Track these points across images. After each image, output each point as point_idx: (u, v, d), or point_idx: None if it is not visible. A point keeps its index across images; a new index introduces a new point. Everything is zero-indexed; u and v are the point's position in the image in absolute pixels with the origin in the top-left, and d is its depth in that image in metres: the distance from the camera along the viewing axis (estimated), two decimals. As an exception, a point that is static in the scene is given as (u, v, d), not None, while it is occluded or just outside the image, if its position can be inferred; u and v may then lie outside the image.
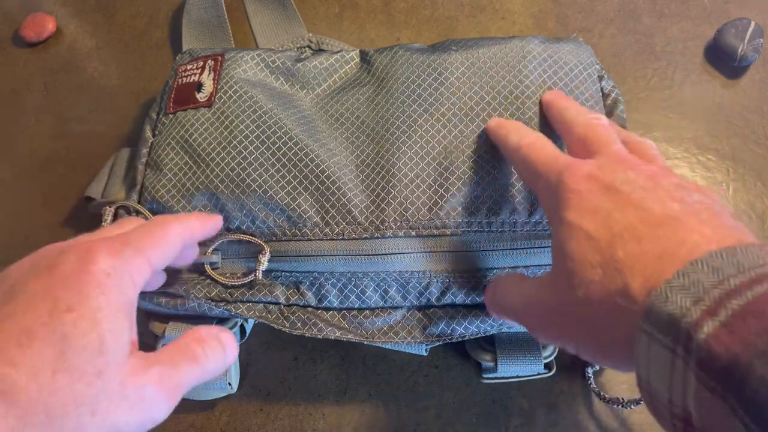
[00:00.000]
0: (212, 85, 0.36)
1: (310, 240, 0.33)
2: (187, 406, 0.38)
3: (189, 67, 0.38)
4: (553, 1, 0.50)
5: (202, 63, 0.38)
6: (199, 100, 0.36)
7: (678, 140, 0.44)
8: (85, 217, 0.44)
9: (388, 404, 0.37)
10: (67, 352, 0.20)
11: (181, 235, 0.27)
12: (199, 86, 0.37)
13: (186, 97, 0.37)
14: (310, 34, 0.46)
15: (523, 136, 0.29)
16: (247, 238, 0.33)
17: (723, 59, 0.46)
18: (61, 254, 0.22)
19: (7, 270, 0.23)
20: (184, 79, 0.38)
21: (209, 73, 0.37)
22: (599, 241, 0.22)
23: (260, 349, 0.39)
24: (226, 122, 0.35)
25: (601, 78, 0.36)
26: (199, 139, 0.35)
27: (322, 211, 0.33)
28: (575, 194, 0.24)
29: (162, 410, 0.22)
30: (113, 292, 0.22)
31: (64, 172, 0.46)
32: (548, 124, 0.33)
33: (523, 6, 0.50)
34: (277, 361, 0.39)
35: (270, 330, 0.39)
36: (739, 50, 0.44)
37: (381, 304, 0.33)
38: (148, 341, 0.35)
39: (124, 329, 0.22)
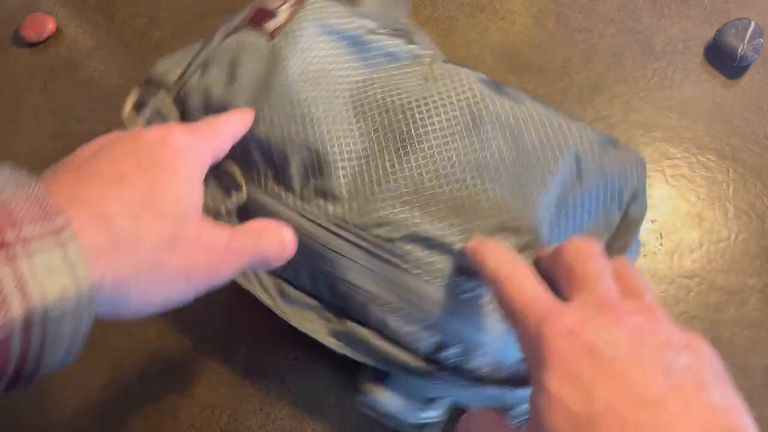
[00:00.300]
0: (284, 19, 0.36)
1: (278, 203, 0.33)
2: (187, 405, 0.38)
3: None
4: (553, 1, 0.50)
5: None
6: (267, 28, 0.36)
7: (678, 140, 0.44)
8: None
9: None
10: (153, 194, 0.23)
11: (232, 132, 0.30)
12: (273, 15, 0.37)
13: (259, 19, 0.37)
14: (408, 21, 0.43)
15: (500, 266, 0.26)
16: (234, 171, 0.34)
17: (723, 59, 0.46)
18: (141, 131, 0.25)
19: (92, 142, 0.26)
20: (267, 2, 0.38)
21: (289, 7, 0.37)
22: (580, 419, 0.20)
23: (260, 349, 0.39)
24: (272, 62, 0.35)
25: (634, 197, 0.34)
26: (244, 64, 0.35)
27: (302, 183, 0.33)
28: (555, 355, 0.21)
29: (230, 267, 0.25)
30: (189, 159, 0.25)
31: (64, 172, 0.46)
32: None
33: (523, 6, 0.50)
34: (277, 361, 0.39)
35: (270, 330, 0.39)
36: (739, 50, 0.44)
37: (309, 288, 0.33)
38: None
39: (196, 190, 0.25)
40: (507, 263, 0.26)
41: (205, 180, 0.30)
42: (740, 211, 0.42)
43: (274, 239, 0.27)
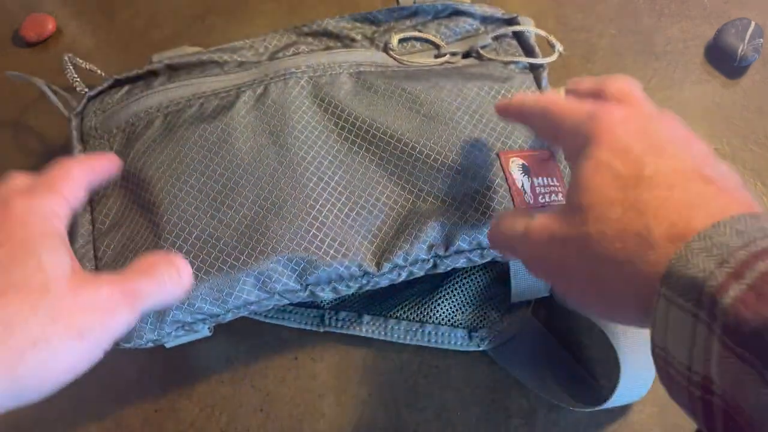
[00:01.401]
0: None
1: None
2: (187, 405, 0.38)
3: None
4: (553, 1, 0.50)
5: None
6: None
7: (678, 140, 0.44)
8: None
9: (388, 404, 0.37)
10: (9, 275, 0.22)
11: (83, 173, 0.28)
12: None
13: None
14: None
15: (538, 98, 0.28)
16: None
17: (723, 59, 0.46)
18: None
19: None
20: None
21: None
22: (627, 180, 0.21)
23: (260, 349, 0.39)
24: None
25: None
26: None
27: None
28: (608, 133, 0.23)
29: (124, 313, 0.24)
30: (36, 224, 0.24)
31: (64, 172, 0.46)
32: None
33: (523, 6, 0.50)
34: (277, 361, 0.39)
35: (269, 330, 0.39)
36: (739, 50, 0.44)
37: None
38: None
39: (58, 248, 0.23)
40: (543, 96, 0.29)
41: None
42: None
43: (168, 270, 0.26)
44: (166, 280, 0.25)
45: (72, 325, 0.22)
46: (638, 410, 0.37)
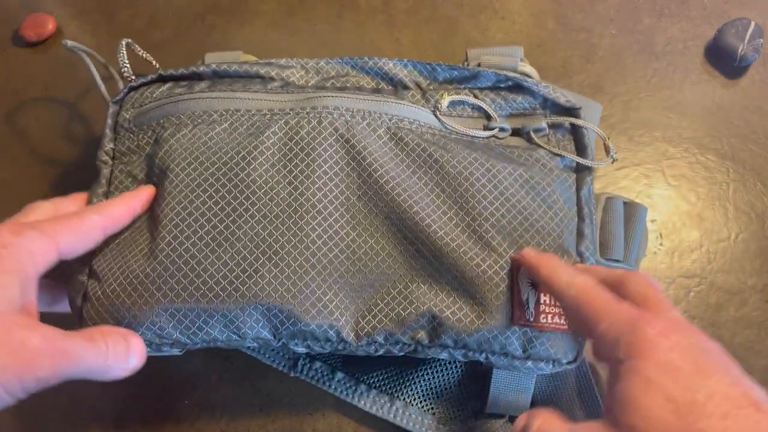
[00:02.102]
0: None
1: None
2: (187, 405, 0.38)
3: None
4: (553, 1, 0.50)
5: None
6: None
7: (678, 140, 0.44)
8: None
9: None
10: None
11: (101, 226, 0.29)
12: None
13: None
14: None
15: (573, 275, 0.27)
16: None
17: (723, 59, 0.46)
18: None
19: None
20: None
21: None
22: (680, 404, 0.21)
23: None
24: None
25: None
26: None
27: None
28: (655, 347, 0.22)
29: (44, 367, 0.23)
30: (6, 260, 0.24)
31: (64, 172, 0.46)
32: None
33: (523, 6, 0.50)
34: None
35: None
36: (739, 50, 0.44)
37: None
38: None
39: (12, 287, 0.24)
40: (577, 274, 0.27)
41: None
42: (740, 211, 0.42)
43: (114, 345, 0.25)
44: (107, 353, 0.25)
45: None
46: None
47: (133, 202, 0.31)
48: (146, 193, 0.32)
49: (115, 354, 0.25)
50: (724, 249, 0.41)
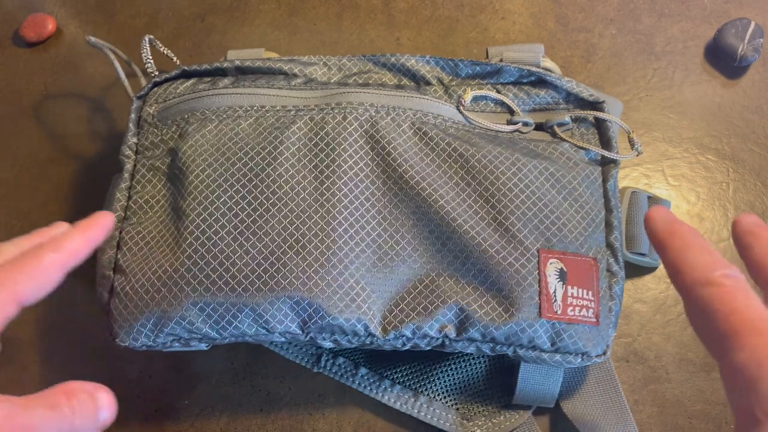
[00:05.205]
0: None
1: None
2: (187, 405, 0.38)
3: None
4: (553, 1, 0.50)
5: None
6: None
7: (678, 140, 0.44)
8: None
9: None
10: None
11: (60, 263, 0.26)
12: None
13: None
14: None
15: (714, 265, 0.20)
16: None
17: (723, 59, 0.46)
18: None
19: None
20: None
21: None
22: None
23: (260, 349, 0.39)
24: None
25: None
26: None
27: None
28: None
29: None
30: None
31: (64, 172, 0.46)
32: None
33: (523, 6, 0.50)
34: (277, 361, 0.39)
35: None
36: (739, 50, 0.44)
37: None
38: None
39: None
40: (722, 266, 0.20)
41: None
42: (740, 211, 0.42)
43: (83, 405, 0.23)
44: (72, 418, 0.23)
45: None
46: (638, 410, 0.37)
47: (90, 233, 0.28)
48: (104, 221, 0.29)
49: (82, 416, 0.23)
50: (724, 249, 0.41)
